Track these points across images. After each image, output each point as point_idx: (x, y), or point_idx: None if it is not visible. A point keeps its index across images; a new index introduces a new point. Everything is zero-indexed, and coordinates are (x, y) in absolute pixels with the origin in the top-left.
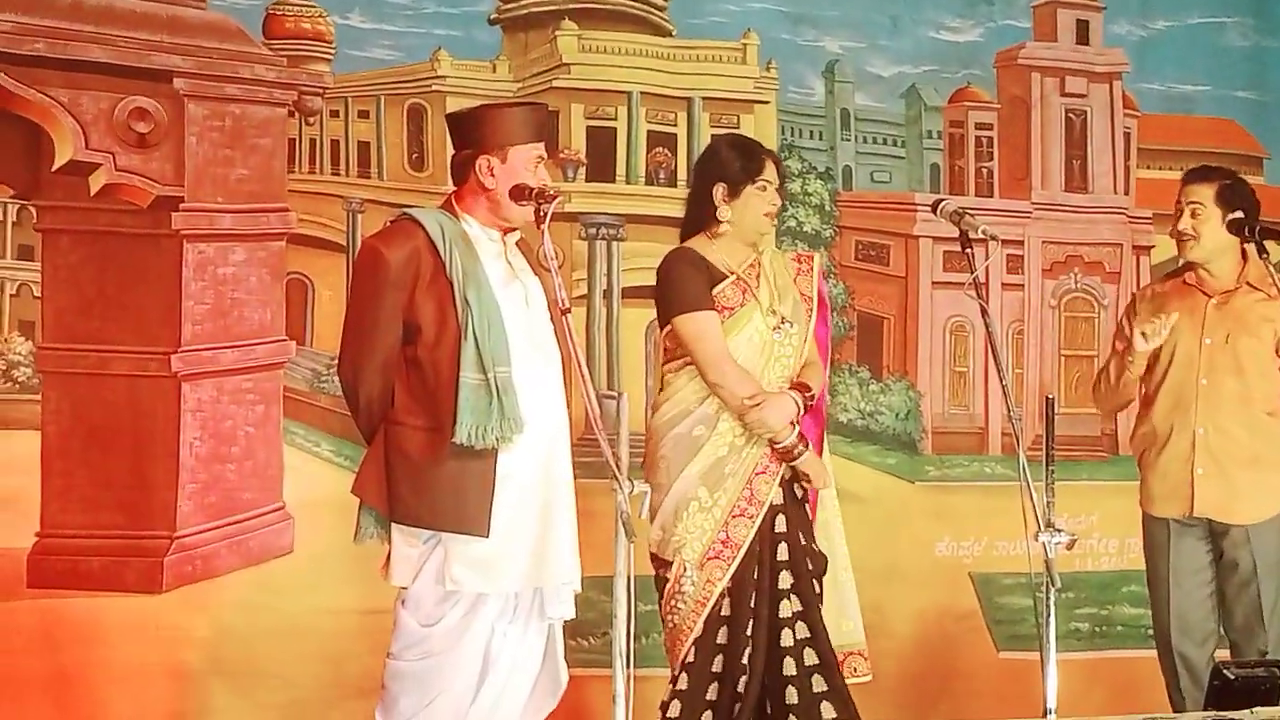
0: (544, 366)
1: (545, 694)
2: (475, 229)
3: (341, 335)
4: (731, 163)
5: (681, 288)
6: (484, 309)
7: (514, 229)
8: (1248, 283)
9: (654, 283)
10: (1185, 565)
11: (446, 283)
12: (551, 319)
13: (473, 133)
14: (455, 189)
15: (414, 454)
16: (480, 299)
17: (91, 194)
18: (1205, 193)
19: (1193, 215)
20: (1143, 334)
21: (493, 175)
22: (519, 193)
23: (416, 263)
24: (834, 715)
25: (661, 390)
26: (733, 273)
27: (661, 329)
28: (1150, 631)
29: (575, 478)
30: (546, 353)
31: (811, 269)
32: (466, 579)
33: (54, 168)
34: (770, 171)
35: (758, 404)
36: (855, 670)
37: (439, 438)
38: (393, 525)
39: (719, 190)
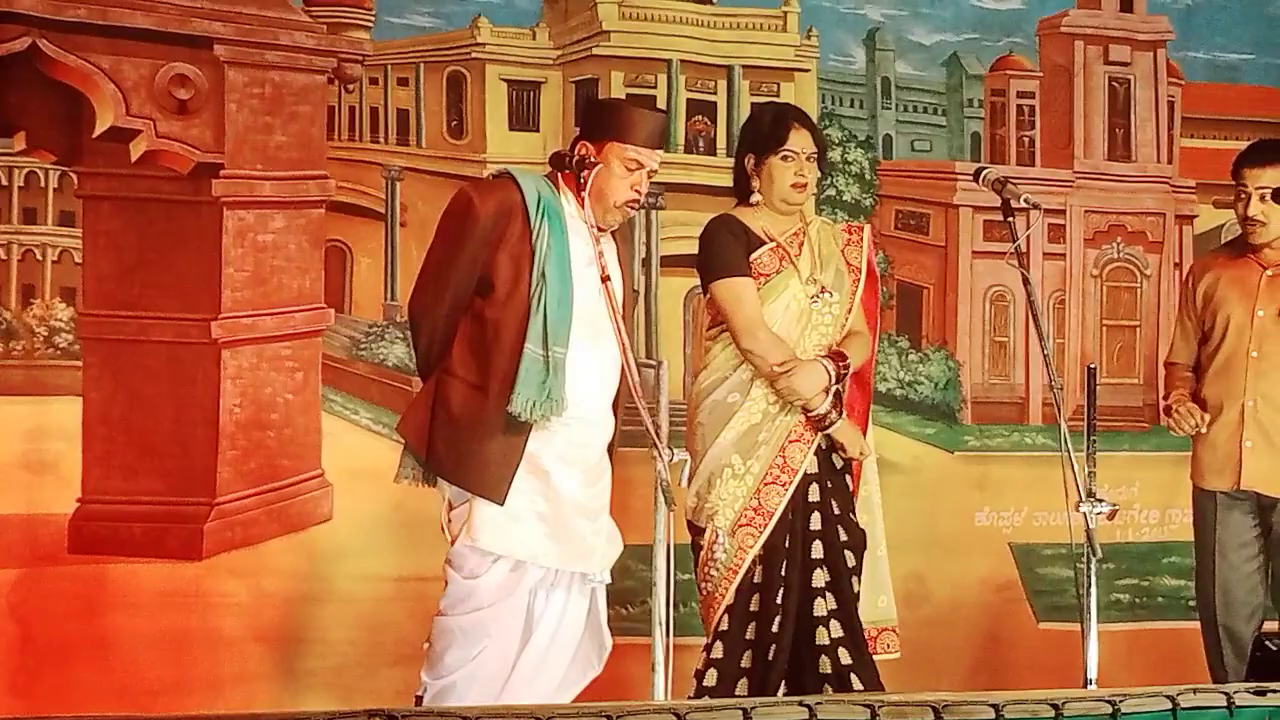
0: (602, 352)
1: (589, 658)
2: (573, 207)
3: (419, 273)
4: (758, 133)
5: (718, 254)
6: (559, 286)
7: (604, 230)
8: None
9: (692, 251)
10: (1232, 539)
11: (529, 248)
12: (617, 291)
13: (586, 118)
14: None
15: (455, 407)
16: (558, 275)
17: (132, 160)
18: (1274, 174)
19: (1261, 199)
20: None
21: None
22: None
23: (506, 221)
24: (861, 687)
25: (703, 357)
26: (772, 239)
27: (704, 296)
28: (1192, 603)
29: (616, 446)
30: (608, 340)
31: (861, 240)
32: (488, 541)
33: (95, 134)
34: (797, 141)
35: (788, 370)
36: (889, 647)
37: (481, 396)
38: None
39: (749, 161)
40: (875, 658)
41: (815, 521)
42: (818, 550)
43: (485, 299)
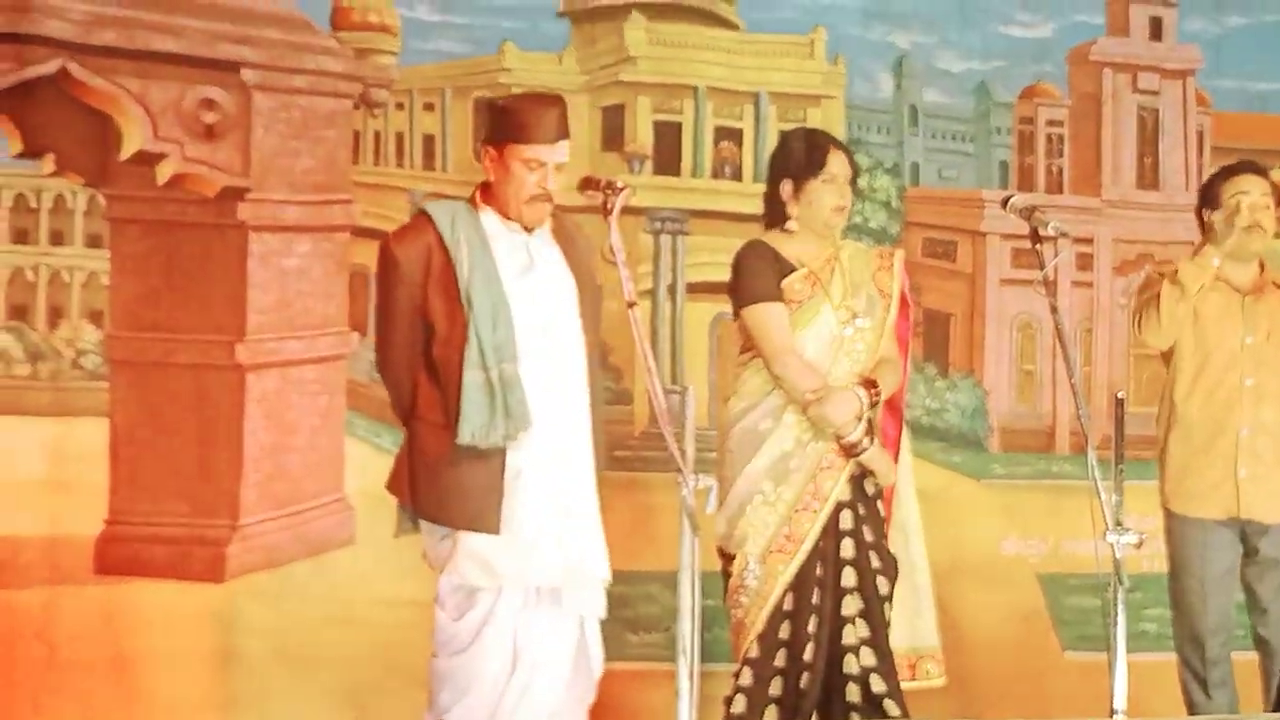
0: (560, 360)
1: (577, 688)
2: (493, 221)
3: (375, 334)
4: (796, 158)
5: (750, 280)
6: (489, 304)
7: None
8: (1274, 283)
9: (719, 277)
10: (1218, 566)
11: (454, 279)
12: (580, 313)
13: (486, 122)
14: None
15: (428, 451)
16: (485, 294)
17: (159, 184)
18: (1265, 185)
19: (1266, 208)
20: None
21: (490, 168)
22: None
23: (427, 259)
24: (898, 714)
25: (734, 383)
26: (805, 266)
27: (736, 322)
28: None
29: (639, 471)
30: (564, 346)
31: (892, 265)
32: (474, 573)
33: (122, 157)
34: (836, 164)
35: (819, 398)
36: (929, 673)
37: (450, 435)
38: (420, 520)
39: (786, 187)
40: (916, 684)
41: (847, 549)
42: (849, 578)
43: (433, 340)
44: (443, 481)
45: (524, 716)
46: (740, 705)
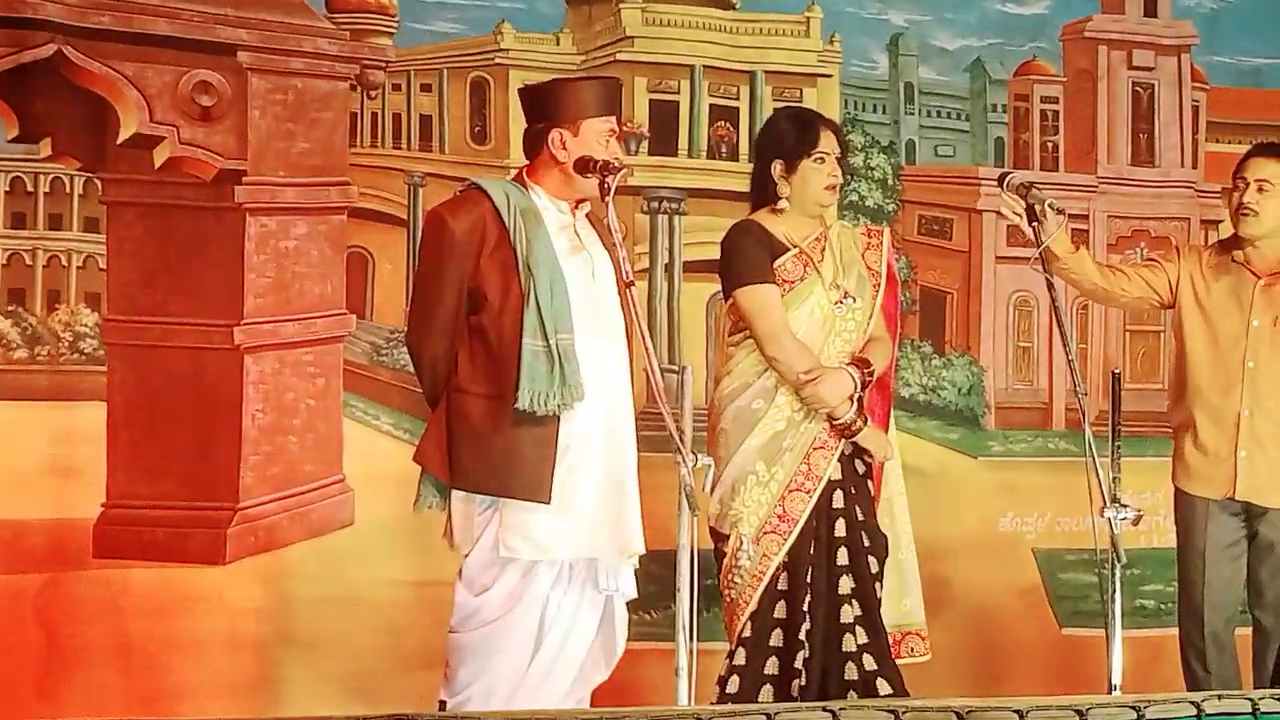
0: (608, 338)
1: (597, 664)
2: (544, 200)
3: (409, 303)
4: (786, 137)
5: (742, 261)
6: (548, 276)
7: (584, 200)
8: None
9: (716, 256)
10: (1220, 542)
11: (510, 250)
12: (617, 292)
13: (545, 106)
14: (528, 162)
15: (476, 421)
16: (544, 266)
17: (156, 167)
18: (1274, 169)
19: (1259, 190)
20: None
21: (564, 148)
22: (584, 165)
23: (481, 231)
24: (889, 692)
25: (725, 363)
26: (795, 246)
27: (726, 302)
28: None
29: (638, 451)
30: (611, 324)
31: (881, 244)
32: (521, 547)
33: (119, 141)
34: (827, 143)
35: (813, 379)
36: (914, 650)
37: (501, 404)
38: (452, 493)
39: (776, 166)
40: (902, 661)
41: (840, 528)
42: (843, 557)
43: (481, 312)
44: (493, 451)
45: (546, 691)
46: (735, 684)
